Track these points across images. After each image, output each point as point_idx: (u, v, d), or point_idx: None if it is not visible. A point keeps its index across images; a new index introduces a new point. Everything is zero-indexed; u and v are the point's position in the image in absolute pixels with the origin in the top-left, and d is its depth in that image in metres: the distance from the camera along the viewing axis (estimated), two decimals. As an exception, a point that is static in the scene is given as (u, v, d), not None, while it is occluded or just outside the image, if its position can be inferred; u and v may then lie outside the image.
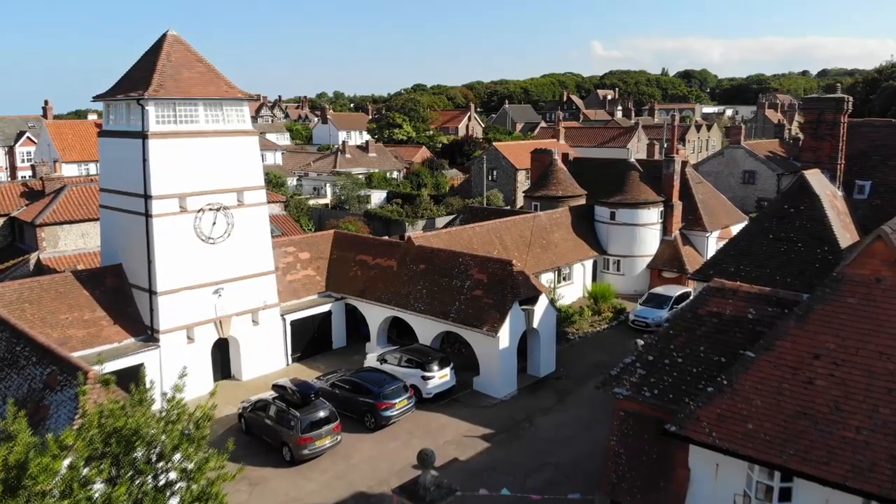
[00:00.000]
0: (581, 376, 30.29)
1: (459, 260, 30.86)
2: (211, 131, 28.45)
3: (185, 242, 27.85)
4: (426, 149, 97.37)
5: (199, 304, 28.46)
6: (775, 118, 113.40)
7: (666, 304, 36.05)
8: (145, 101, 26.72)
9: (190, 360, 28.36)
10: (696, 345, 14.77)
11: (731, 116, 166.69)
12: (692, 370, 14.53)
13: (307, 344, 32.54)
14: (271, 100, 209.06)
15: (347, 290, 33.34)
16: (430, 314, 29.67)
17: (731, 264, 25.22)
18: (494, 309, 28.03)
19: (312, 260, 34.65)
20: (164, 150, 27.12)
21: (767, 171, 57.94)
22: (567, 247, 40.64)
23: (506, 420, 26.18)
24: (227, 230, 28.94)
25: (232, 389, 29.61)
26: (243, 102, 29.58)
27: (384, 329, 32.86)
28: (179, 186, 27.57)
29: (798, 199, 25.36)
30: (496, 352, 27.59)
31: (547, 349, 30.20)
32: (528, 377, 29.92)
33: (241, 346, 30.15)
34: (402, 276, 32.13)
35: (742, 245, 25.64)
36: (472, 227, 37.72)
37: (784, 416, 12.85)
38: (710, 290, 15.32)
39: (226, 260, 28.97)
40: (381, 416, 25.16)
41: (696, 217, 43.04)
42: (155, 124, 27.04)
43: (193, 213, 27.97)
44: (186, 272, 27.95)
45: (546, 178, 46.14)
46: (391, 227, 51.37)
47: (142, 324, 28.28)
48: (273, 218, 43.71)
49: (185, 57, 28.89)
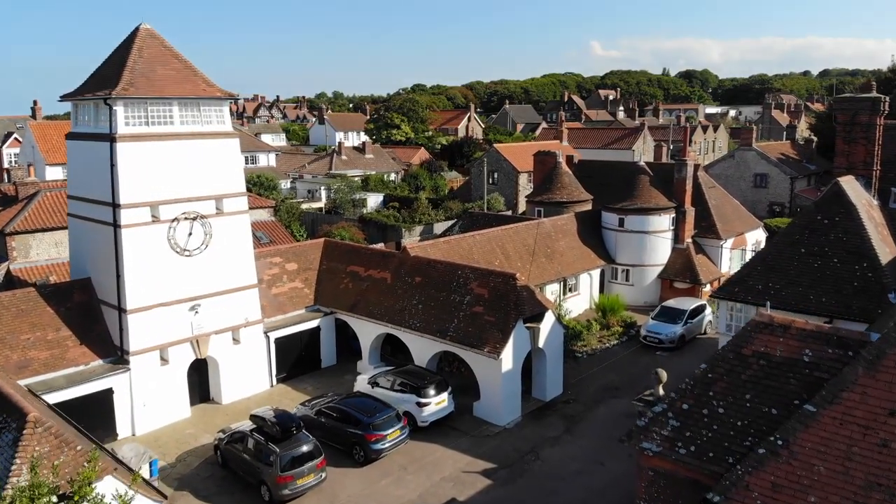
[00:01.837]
0: (591, 400, 27.87)
1: (458, 273, 28.45)
2: (187, 133, 26.03)
3: (158, 255, 25.43)
4: (425, 150, 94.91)
5: (174, 323, 26.04)
6: (782, 119, 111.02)
7: (680, 318, 33.62)
8: (113, 101, 24.30)
9: (164, 384, 26.10)
10: (741, 392, 12.36)
11: (735, 117, 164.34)
12: (736, 423, 12.11)
13: (294, 363, 30.11)
14: (269, 100, 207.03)
15: (337, 304, 30.92)
16: (427, 332, 27.25)
17: (758, 281, 22.82)
18: (496, 328, 25.61)
19: (300, 271, 32.21)
20: (134, 154, 24.70)
21: (780, 175, 55.50)
22: (573, 256, 38.21)
23: (509, 452, 23.75)
24: (205, 241, 26.52)
25: (211, 414, 27.23)
26: (223, 102, 27.15)
27: (377, 346, 30.45)
28: (151, 194, 25.15)
29: (832, 208, 22.95)
30: (498, 375, 25.17)
31: (553, 370, 27.78)
32: (533, 401, 27.50)
33: (220, 367, 27.72)
34: (397, 289, 29.72)
35: (770, 259, 23.22)
36: (471, 235, 35.28)
37: (854, 486, 10.46)
38: (757, 326, 12.88)
39: (203, 274, 26.55)
40: (370, 449, 22.73)
41: (710, 224, 40.61)
42: (124, 126, 24.63)
43: (167, 223, 25.54)
44: (159, 287, 25.53)
45: (550, 181, 43.71)
46: (387, 233, 48.97)
47: (111, 344, 25.88)
48: (261, 224, 41.31)
49: (159, 53, 26.47)
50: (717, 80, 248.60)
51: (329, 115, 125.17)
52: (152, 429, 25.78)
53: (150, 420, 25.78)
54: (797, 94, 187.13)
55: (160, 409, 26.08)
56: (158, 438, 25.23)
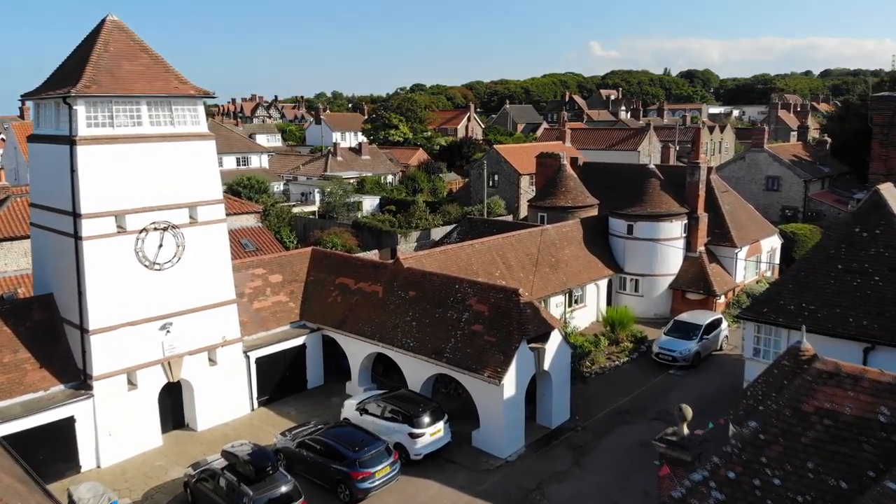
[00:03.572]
0: (601, 427, 25.47)
1: (456, 287, 26.06)
2: (157, 135, 23.64)
3: (124, 269, 23.03)
4: (423, 151, 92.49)
5: (143, 344, 23.65)
6: (789, 119, 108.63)
7: (694, 333, 31.20)
8: (73, 100, 21.92)
9: (131, 411, 23.73)
10: (801, 459, 9.99)
11: (738, 117, 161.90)
12: (797, 499, 9.74)
13: (277, 384, 27.71)
14: (268, 100, 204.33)
15: (325, 319, 28.52)
16: (421, 353, 24.86)
17: (790, 300, 20.41)
18: (497, 349, 23.22)
19: (285, 283, 29.81)
20: (97, 159, 22.31)
21: (793, 177, 53.05)
22: (579, 265, 35.80)
23: (511, 490, 21.34)
24: (177, 253, 24.13)
25: (185, 443, 24.87)
26: (197, 100, 24.74)
27: (367, 366, 28.06)
28: (117, 202, 22.75)
29: (872, 220, 20.56)
30: (500, 403, 22.76)
31: (560, 394, 25.38)
32: (538, 428, 25.09)
33: (195, 390, 25.33)
34: (389, 304, 27.33)
35: (803, 277, 20.81)
36: (470, 244, 32.86)
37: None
38: (819, 376, 10.47)
39: (175, 289, 24.16)
40: (356, 489, 20.32)
41: (724, 231, 38.19)
42: (85, 127, 22.25)
43: (134, 234, 23.14)
44: (126, 305, 23.13)
45: (554, 185, 41.28)
46: (382, 240, 46.55)
47: (74, 367, 23.50)
48: (247, 231, 38.95)
49: (127, 47, 24.09)
50: (718, 79, 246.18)
51: (326, 115, 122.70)
52: (119, 460, 23.42)
53: (117, 451, 23.42)
54: (801, 94, 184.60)
55: (128, 439, 23.70)
56: (126, 471, 22.88)
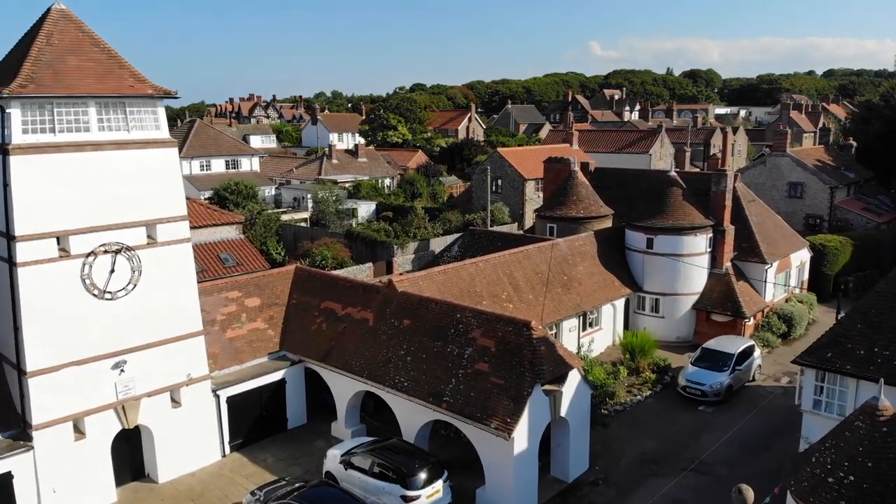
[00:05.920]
0: (625, 479, 22.02)
1: (458, 316, 22.61)
2: (108, 142, 20.19)
3: (69, 300, 19.56)
4: (423, 153, 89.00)
5: (92, 385, 20.19)
6: (801, 120, 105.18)
7: (725, 363, 27.75)
8: (6, 102, 18.48)
9: (79, 463, 20.30)
10: None
11: (746, 117, 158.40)
12: None
13: (252, 425, 24.28)
14: (266, 100, 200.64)
15: (307, 350, 25.08)
16: (417, 396, 21.40)
17: (861, 344, 16.98)
18: (506, 395, 19.76)
19: (264, 307, 26.36)
20: (35, 170, 18.84)
21: (818, 184, 49.57)
22: (593, 284, 32.32)
23: (524, 567, 17.92)
24: (132, 280, 20.69)
25: (143, 498, 21.47)
26: (157, 102, 21.28)
27: (355, 404, 24.64)
28: (59, 221, 19.28)
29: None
30: (510, 459, 19.30)
31: (578, 443, 21.92)
32: (552, 482, 21.64)
33: (155, 437, 21.87)
34: (381, 334, 23.90)
35: (873, 315, 17.35)
36: (473, 262, 29.37)
37: None
38: None
39: (130, 321, 20.71)
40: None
41: (752, 245, 34.69)
42: (20, 134, 18.79)
43: (81, 259, 19.69)
44: (71, 341, 19.66)
45: (564, 193, 37.78)
46: (377, 251, 43.06)
47: (14, 413, 20.08)
48: (227, 244, 35.51)
49: (75, 39, 20.59)
50: (721, 80, 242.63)
51: (323, 115, 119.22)
52: (65, 521, 20.04)
53: None
54: (808, 95, 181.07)
55: (76, 496, 20.27)
56: (71, 536, 19.48)
